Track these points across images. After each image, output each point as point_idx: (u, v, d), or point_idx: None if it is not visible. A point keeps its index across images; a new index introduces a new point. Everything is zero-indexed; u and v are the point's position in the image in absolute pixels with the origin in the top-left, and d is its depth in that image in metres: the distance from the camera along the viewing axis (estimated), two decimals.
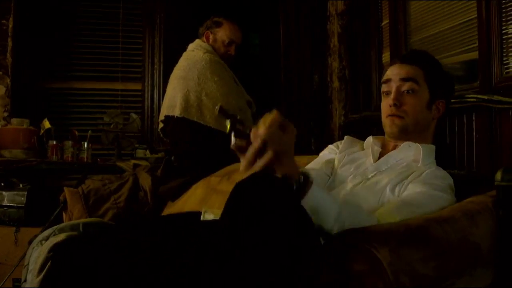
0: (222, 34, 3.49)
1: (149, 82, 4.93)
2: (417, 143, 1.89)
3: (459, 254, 1.17)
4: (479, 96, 2.77)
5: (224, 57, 3.49)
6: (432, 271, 1.07)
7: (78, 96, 4.88)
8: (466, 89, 2.96)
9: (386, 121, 1.95)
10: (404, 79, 1.89)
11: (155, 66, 4.92)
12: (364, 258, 1.02)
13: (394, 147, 1.95)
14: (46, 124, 4.30)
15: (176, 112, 3.33)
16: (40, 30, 4.69)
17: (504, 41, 2.75)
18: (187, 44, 3.58)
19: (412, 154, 1.89)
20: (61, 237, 2.53)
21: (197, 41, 3.52)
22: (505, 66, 2.75)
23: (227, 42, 3.49)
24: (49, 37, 4.75)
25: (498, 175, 1.47)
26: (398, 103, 1.89)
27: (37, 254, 2.55)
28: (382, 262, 1.00)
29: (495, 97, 2.68)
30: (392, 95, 1.91)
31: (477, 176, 1.94)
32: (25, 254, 2.78)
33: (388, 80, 1.94)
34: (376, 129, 3.59)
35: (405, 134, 1.92)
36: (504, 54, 2.75)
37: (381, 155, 1.95)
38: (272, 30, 4.69)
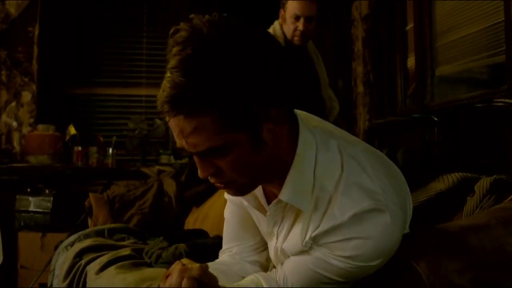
0: (289, 9, 3.19)
1: None
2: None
3: (495, 264, 1.14)
4: (507, 100, 2.72)
5: (294, 36, 3.21)
6: (468, 283, 1.05)
7: (102, 102, 4.90)
8: (493, 93, 2.91)
9: None
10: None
11: None
12: (405, 271, 1.00)
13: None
14: (72, 130, 4.33)
15: None
16: (65, 37, 4.72)
17: None
18: None
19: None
20: (86, 242, 2.55)
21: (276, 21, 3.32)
22: None
23: (293, 17, 3.18)
24: (74, 43, 4.78)
25: None
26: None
27: (63, 259, 2.57)
28: (422, 276, 0.98)
29: None
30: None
31: (507, 181, 1.88)
32: (51, 259, 2.81)
33: None
34: (401, 134, 3.57)
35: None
36: None
37: None
38: None
